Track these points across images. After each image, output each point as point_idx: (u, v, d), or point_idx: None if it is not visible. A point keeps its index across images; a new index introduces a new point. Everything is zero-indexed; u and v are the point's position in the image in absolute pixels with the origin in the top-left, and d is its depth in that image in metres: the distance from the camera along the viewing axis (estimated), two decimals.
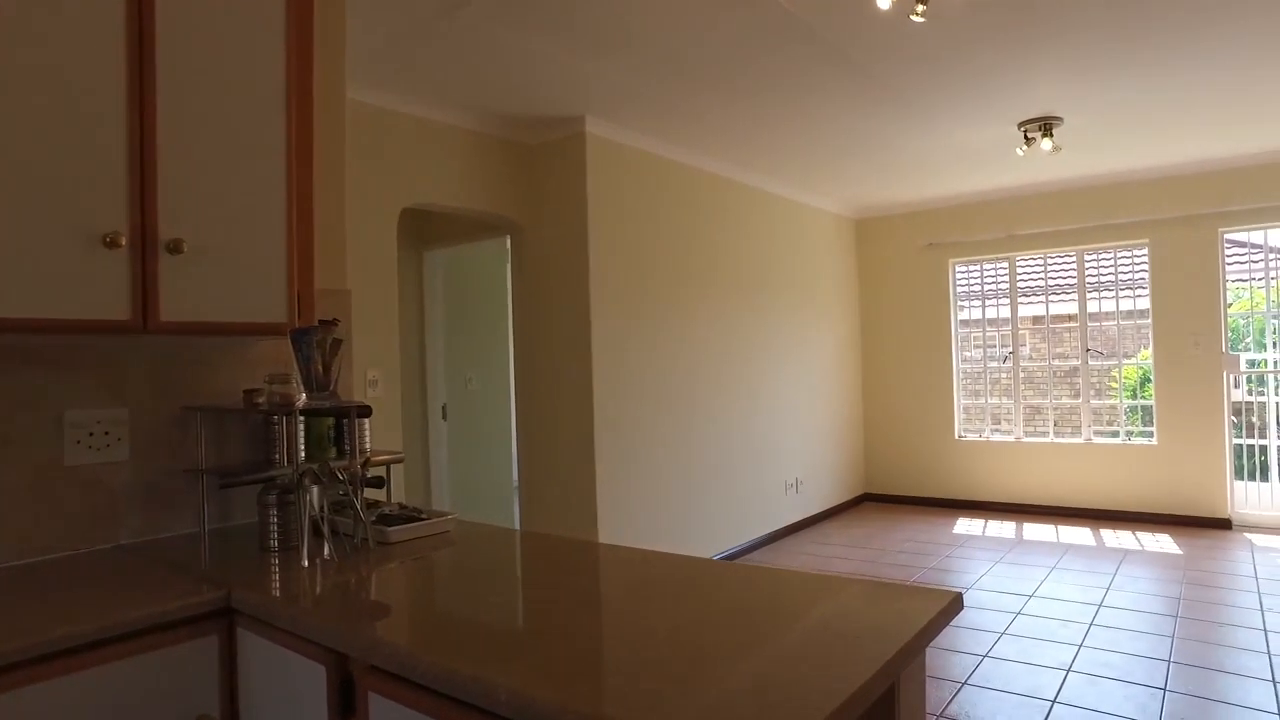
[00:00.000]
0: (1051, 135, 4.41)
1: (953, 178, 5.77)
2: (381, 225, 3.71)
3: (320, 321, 1.80)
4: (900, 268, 6.92)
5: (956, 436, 6.69)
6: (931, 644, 3.65)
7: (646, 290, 4.62)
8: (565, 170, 4.31)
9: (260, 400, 1.87)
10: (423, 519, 1.87)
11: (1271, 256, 5.86)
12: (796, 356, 6.11)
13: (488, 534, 1.93)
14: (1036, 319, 6.77)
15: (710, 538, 5.05)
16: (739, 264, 5.47)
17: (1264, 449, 5.95)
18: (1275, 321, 6.73)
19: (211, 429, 2.01)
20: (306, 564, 1.60)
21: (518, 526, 4.55)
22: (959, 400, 6.77)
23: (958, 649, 3.52)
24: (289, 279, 1.83)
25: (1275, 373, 6.00)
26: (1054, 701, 2.97)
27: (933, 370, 6.77)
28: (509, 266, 4.62)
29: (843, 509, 6.68)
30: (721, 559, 5.10)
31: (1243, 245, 6.56)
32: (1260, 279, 6.03)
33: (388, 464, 2.23)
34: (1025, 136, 4.50)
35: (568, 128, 4.25)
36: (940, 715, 2.89)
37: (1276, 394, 5.96)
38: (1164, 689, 3.06)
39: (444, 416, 5.21)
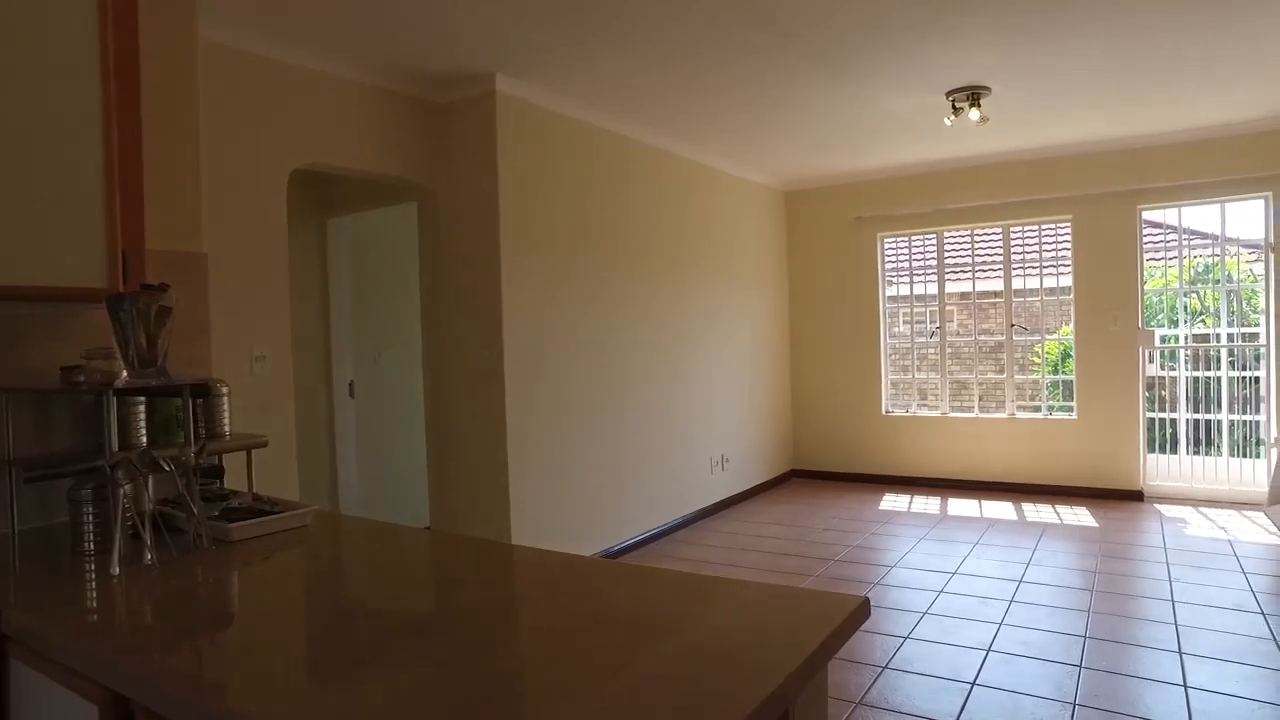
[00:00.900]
0: (979, 105, 4.33)
1: (881, 149, 5.68)
2: (267, 186, 3.39)
3: (143, 286, 1.54)
4: (829, 241, 6.84)
5: (884, 412, 6.68)
6: None
7: (563, 262, 4.39)
8: (474, 132, 4.03)
9: (80, 379, 1.60)
10: (276, 512, 1.64)
11: (1184, 235, 5.95)
12: (723, 331, 5.97)
13: (354, 530, 1.71)
14: (964, 295, 6.78)
15: (633, 518, 4.89)
16: (663, 235, 5.28)
17: (1174, 422, 6.09)
18: (1185, 299, 6.89)
19: (31, 414, 1.72)
20: (116, 572, 1.36)
21: (428, 513, 4.31)
22: (886, 375, 6.75)
23: (880, 631, 3.44)
24: (108, 237, 1.56)
25: (1185, 348, 6.14)
26: (973, 684, 2.90)
27: (861, 345, 6.73)
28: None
29: (770, 486, 6.61)
30: (644, 539, 4.95)
31: (1158, 226, 6.67)
32: (1174, 257, 6.14)
33: (248, 449, 1.98)
34: (953, 106, 4.40)
35: (477, 86, 3.97)
36: (860, 702, 2.79)
37: (1186, 369, 6.10)
38: (1079, 666, 3.03)
39: (351, 394, 4.91)
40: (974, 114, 4.32)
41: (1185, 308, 6.56)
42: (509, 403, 3.99)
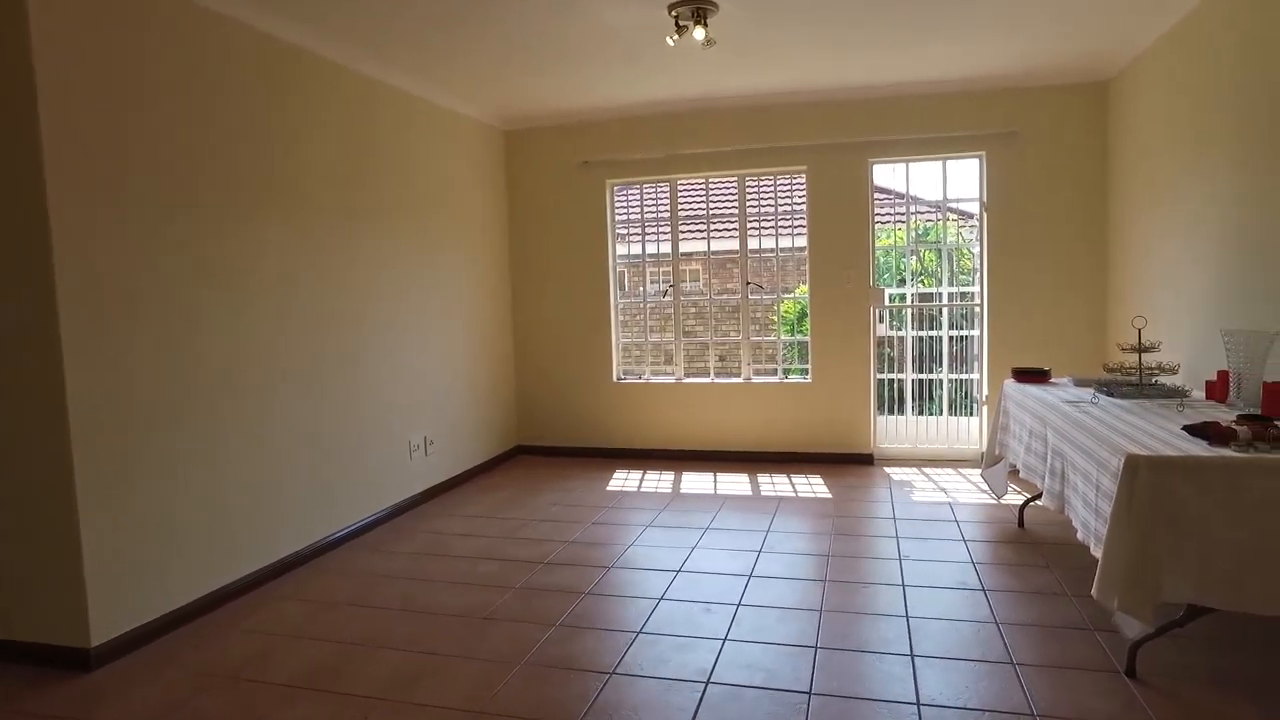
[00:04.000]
0: (705, 24, 3.67)
1: (608, 81, 4.91)
2: None
3: None
4: (554, 188, 6.03)
5: (615, 379, 6.06)
6: (544, 663, 2.83)
7: (180, 205, 3.15)
8: None
9: None
10: None
11: (908, 200, 5.85)
12: (427, 291, 4.97)
13: None
14: (700, 253, 6.31)
15: (301, 525, 3.82)
16: (347, 175, 4.16)
17: (900, 383, 6.06)
18: (910, 259, 6.96)
19: None
20: None
21: None
22: (618, 340, 6.14)
23: (581, 666, 2.72)
24: None
25: (911, 307, 6.12)
26: None
27: (590, 305, 6.04)
28: None
29: (491, 466, 5.77)
30: (317, 549, 3.90)
31: (886, 192, 6.62)
32: (900, 220, 6.07)
33: None
34: (677, 23, 3.72)
35: None
36: None
37: (911, 329, 6.08)
38: (809, 692, 2.51)
39: None
40: (699, 33, 3.66)
41: (911, 268, 6.59)
42: (71, 383, 2.74)
